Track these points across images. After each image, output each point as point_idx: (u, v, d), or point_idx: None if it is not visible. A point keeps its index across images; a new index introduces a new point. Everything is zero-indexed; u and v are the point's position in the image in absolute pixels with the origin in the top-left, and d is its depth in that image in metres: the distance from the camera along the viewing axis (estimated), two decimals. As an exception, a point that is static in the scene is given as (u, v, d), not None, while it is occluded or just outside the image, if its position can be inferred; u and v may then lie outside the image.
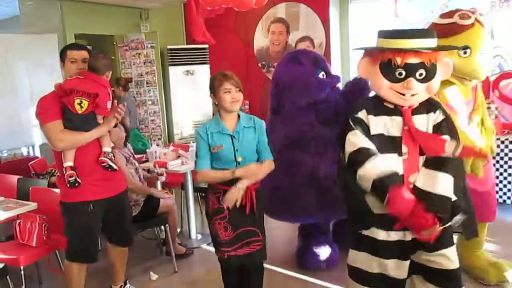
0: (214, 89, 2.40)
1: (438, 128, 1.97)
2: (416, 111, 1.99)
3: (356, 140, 1.99)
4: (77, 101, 2.50)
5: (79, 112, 2.51)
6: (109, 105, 2.61)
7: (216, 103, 2.43)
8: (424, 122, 1.99)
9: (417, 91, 1.93)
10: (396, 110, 2.00)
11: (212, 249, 2.45)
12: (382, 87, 1.99)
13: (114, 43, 6.10)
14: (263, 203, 2.49)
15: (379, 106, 2.04)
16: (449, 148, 1.90)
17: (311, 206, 3.09)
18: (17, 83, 2.47)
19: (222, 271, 2.62)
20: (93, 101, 2.53)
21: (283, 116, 3.26)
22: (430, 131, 1.98)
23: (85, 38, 5.86)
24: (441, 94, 2.56)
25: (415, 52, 1.90)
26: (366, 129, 2.01)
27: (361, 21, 5.58)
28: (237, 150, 2.38)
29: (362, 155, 1.96)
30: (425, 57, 1.90)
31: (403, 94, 1.95)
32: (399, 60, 1.90)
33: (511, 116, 4.57)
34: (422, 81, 1.92)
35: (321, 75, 3.26)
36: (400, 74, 1.93)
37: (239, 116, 2.45)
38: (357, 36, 5.61)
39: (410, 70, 1.91)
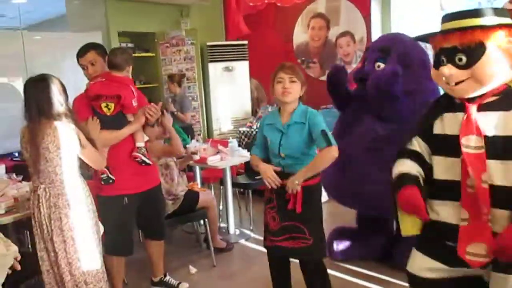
0: (272, 81, 2.40)
1: None
2: (489, 106, 1.68)
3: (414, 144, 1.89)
4: (103, 104, 2.62)
5: (108, 114, 2.62)
6: (134, 103, 2.70)
7: (274, 95, 2.43)
8: (501, 121, 1.63)
9: (458, 78, 1.67)
10: (462, 106, 1.73)
11: (251, 245, 2.48)
12: (434, 77, 1.81)
13: (156, 40, 6.21)
14: (316, 201, 2.41)
15: (448, 103, 1.81)
16: None
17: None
18: (64, 81, 2.59)
19: (268, 260, 2.61)
20: (118, 102, 2.64)
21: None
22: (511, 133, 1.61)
23: (128, 35, 5.99)
24: None
25: (444, 35, 1.70)
26: (428, 131, 1.82)
27: (404, 15, 5.43)
28: (281, 145, 2.36)
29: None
30: (460, 39, 1.65)
31: (448, 83, 1.72)
32: (433, 45, 1.76)
33: None
34: (463, 67, 1.65)
35: None
36: (443, 61, 1.71)
37: (296, 108, 2.38)
38: (399, 30, 5.47)
39: (448, 55, 1.69)
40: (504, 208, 1.62)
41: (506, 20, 1.65)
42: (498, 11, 1.69)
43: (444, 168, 1.77)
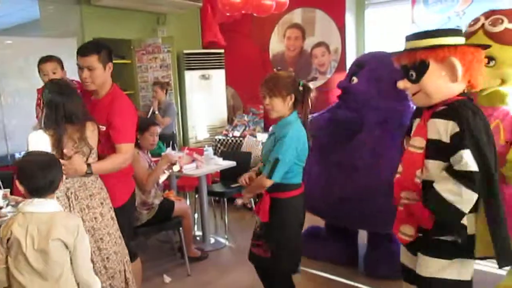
0: None
1: (452, 140, 1.82)
2: (438, 114, 1.90)
3: None
4: None
5: None
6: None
7: None
8: (442, 128, 1.86)
9: (412, 91, 1.98)
10: (422, 111, 2.03)
11: (226, 253, 2.50)
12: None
13: (132, 47, 6.17)
14: (283, 216, 2.33)
15: (419, 110, 2.10)
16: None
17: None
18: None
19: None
20: None
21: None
22: (447, 140, 1.84)
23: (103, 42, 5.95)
24: (480, 97, 2.53)
25: (398, 55, 2.00)
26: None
27: (377, 27, 5.56)
28: (262, 150, 2.45)
29: None
30: (408, 59, 1.94)
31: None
32: (395, 62, 2.04)
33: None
34: (414, 81, 1.95)
35: None
36: (405, 75, 2.01)
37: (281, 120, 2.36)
38: (373, 42, 5.60)
39: (404, 71, 2.00)
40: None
41: (448, 41, 1.89)
42: (446, 32, 1.95)
43: None
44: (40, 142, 2.26)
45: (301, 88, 2.35)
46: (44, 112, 2.30)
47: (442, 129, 1.86)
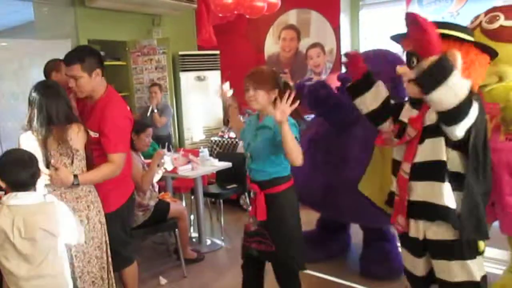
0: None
1: None
2: None
3: None
4: None
5: None
6: None
7: None
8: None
9: (410, 77, 1.91)
10: (418, 102, 2.00)
11: (222, 255, 2.49)
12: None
13: (127, 48, 6.16)
14: (281, 210, 2.35)
15: (411, 99, 2.09)
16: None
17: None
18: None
19: (242, 265, 2.59)
20: None
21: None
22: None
23: (98, 43, 5.93)
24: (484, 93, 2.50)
25: (405, 38, 1.96)
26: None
27: (371, 28, 5.58)
28: (249, 144, 2.39)
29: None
30: (412, 46, 1.88)
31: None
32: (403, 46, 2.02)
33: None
34: (414, 68, 1.90)
35: None
36: (407, 61, 1.98)
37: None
38: (367, 43, 5.62)
39: (408, 57, 1.96)
40: (421, 180, 1.98)
41: (456, 34, 1.88)
42: (455, 26, 1.92)
43: (396, 149, 2.14)
44: (29, 144, 2.28)
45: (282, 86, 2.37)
46: (29, 112, 2.31)
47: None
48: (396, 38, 2.14)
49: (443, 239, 1.96)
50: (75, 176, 2.29)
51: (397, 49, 2.12)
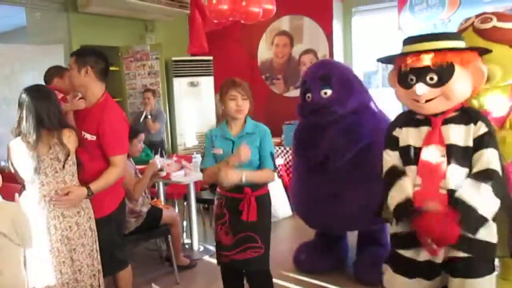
0: (221, 94, 2.44)
1: (480, 142, 1.79)
2: (451, 120, 1.86)
3: (387, 158, 2.04)
4: None
5: None
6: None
7: (223, 108, 2.47)
8: (462, 134, 1.82)
9: (429, 97, 1.84)
10: (425, 121, 1.90)
11: (215, 261, 2.47)
12: (400, 96, 1.98)
13: (120, 54, 6.15)
14: (267, 210, 2.49)
15: (409, 119, 1.99)
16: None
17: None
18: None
19: (222, 277, 2.63)
20: None
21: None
22: (471, 144, 1.81)
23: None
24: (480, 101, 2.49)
25: (417, 54, 1.83)
26: (396, 144, 2.00)
27: (364, 34, 5.61)
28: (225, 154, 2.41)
29: (390, 177, 1.99)
30: (432, 60, 1.80)
31: (418, 101, 1.88)
32: (403, 65, 1.88)
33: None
34: (434, 85, 1.82)
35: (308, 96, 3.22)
36: (412, 80, 1.86)
37: (246, 122, 2.46)
38: (360, 49, 5.65)
39: (419, 74, 1.84)
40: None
41: (463, 45, 1.86)
42: (457, 36, 1.91)
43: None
44: (18, 150, 2.28)
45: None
46: (19, 115, 2.30)
47: (464, 134, 1.81)
48: (385, 60, 2.10)
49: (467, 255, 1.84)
50: (88, 188, 2.34)
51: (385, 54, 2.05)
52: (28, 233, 2.17)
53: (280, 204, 4.82)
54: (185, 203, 4.33)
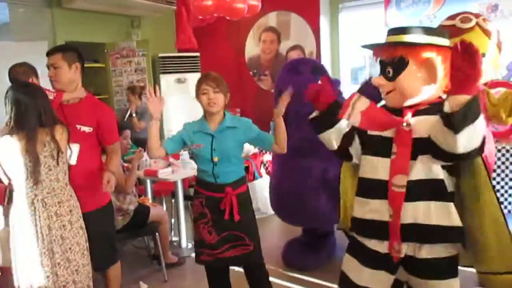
0: (196, 90, 2.46)
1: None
2: (423, 112, 1.76)
3: None
4: None
5: None
6: None
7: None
8: (427, 124, 1.70)
9: (388, 89, 1.79)
10: (396, 111, 1.81)
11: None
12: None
13: (105, 51, 6.08)
14: (249, 207, 2.50)
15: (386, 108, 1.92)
16: None
17: (324, 211, 3.20)
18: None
19: (207, 275, 2.62)
20: None
21: (289, 125, 3.26)
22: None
23: (76, 45, 5.85)
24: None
25: (376, 48, 1.84)
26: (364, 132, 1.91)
27: (351, 30, 5.63)
28: (214, 150, 2.40)
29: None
30: (387, 54, 1.78)
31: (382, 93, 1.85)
32: (375, 56, 1.87)
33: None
34: (390, 79, 1.77)
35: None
36: (381, 71, 1.84)
37: (225, 116, 2.46)
38: (347, 45, 5.66)
39: (382, 67, 1.83)
40: (417, 200, 1.74)
41: (434, 40, 1.74)
42: (431, 31, 1.78)
43: (371, 167, 1.86)
44: (8, 149, 2.22)
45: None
46: (12, 113, 2.24)
47: (434, 122, 1.66)
48: (369, 46, 1.98)
49: (438, 257, 1.77)
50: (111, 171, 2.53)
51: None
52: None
53: (269, 200, 4.81)
54: (172, 201, 4.32)
